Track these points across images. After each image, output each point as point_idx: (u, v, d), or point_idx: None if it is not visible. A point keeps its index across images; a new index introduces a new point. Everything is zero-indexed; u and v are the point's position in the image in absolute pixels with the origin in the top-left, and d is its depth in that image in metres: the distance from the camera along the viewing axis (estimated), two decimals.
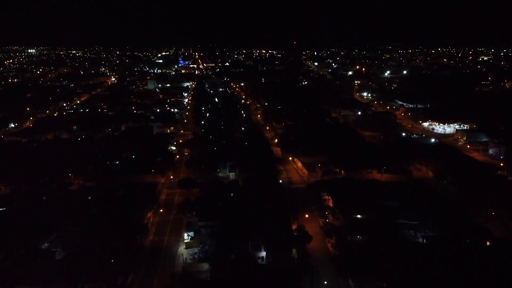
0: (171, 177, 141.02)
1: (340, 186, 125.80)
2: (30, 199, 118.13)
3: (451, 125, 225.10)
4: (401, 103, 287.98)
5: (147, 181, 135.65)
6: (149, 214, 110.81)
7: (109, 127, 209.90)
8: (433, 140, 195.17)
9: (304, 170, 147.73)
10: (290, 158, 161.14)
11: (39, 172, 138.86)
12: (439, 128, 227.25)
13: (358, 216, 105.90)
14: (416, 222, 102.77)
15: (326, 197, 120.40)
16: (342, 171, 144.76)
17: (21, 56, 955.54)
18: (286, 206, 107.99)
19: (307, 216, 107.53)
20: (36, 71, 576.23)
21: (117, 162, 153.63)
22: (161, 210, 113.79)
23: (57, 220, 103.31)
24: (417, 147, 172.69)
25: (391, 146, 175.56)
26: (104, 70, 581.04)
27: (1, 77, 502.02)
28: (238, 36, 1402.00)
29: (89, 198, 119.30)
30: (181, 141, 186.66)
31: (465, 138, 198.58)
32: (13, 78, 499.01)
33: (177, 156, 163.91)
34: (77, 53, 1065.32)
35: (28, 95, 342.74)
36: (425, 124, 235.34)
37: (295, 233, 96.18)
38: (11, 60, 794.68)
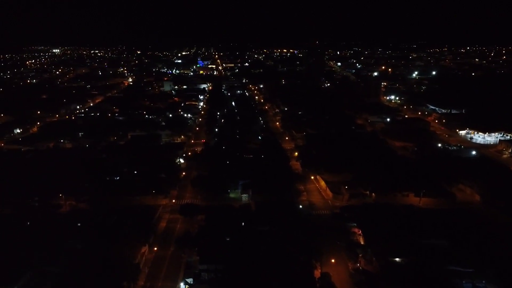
0: (173, 201, 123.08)
1: (371, 215, 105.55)
2: (9, 225, 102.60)
3: (492, 134, 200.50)
4: (433, 107, 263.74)
5: (147, 204, 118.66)
6: (144, 249, 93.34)
7: (115, 135, 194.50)
8: (473, 152, 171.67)
9: (328, 192, 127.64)
10: (312, 177, 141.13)
11: (29, 189, 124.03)
12: (479, 137, 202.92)
13: (397, 259, 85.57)
14: (470, 270, 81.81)
15: (356, 230, 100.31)
16: (373, 194, 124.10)
17: (44, 56, 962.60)
18: (307, 245, 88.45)
19: (333, 261, 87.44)
20: (55, 72, 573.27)
21: (117, 178, 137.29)
22: (155, 249, 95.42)
23: (35, 255, 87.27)
24: (457, 162, 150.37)
25: (427, 161, 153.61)
26: (122, 70, 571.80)
27: (20, 78, 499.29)
28: (259, 35, 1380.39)
29: (78, 224, 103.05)
30: (190, 153, 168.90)
31: (510, 150, 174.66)
32: (31, 79, 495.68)
33: (184, 173, 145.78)
34: (99, 53, 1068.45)
35: (44, 96, 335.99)
36: (462, 133, 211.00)
37: (318, 284, 76.85)
38: (33, 61, 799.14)
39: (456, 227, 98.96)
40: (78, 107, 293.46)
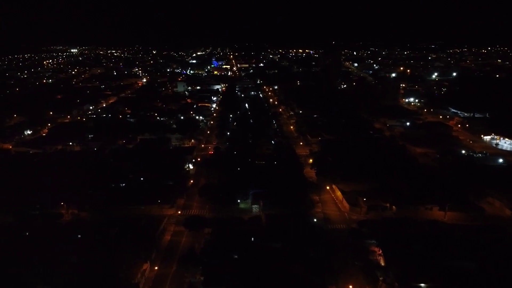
0: (179, 212, 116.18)
1: (392, 231, 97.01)
2: (7, 236, 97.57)
3: None
4: (454, 111, 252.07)
5: (152, 213, 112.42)
6: (145, 266, 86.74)
7: (124, 138, 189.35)
8: (500, 160, 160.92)
9: (345, 203, 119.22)
10: (327, 187, 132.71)
11: (32, 196, 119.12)
12: (505, 143, 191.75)
13: (421, 284, 77.04)
14: None
15: (375, 248, 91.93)
16: (393, 207, 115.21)
17: (62, 56, 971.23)
18: (322, 265, 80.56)
19: (351, 287, 79.14)
20: (71, 72, 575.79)
21: (123, 185, 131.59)
22: (156, 268, 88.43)
23: (27, 270, 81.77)
24: (484, 171, 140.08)
25: (452, 169, 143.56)
26: (137, 70, 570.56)
27: (37, 78, 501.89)
28: (275, 35, 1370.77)
29: (78, 236, 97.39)
30: (199, 158, 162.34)
31: None
32: (47, 78, 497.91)
33: (192, 181, 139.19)
34: (115, 52, 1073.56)
35: (58, 96, 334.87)
36: (487, 138, 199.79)
37: None
38: (50, 60, 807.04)
39: (486, 247, 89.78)
40: (90, 107, 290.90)
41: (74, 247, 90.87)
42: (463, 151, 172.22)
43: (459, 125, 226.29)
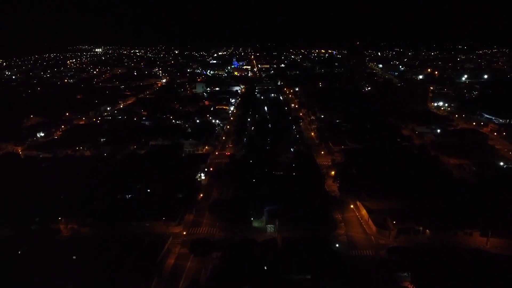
0: (184, 233, 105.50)
1: (427, 261, 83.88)
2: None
3: None
4: (488, 116, 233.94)
5: (157, 231, 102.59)
6: None
7: (136, 143, 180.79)
8: None
9: (371, 224, 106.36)
10: (352, 205, 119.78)
11: (34, 207, 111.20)
12: None
13: None
14: None
15: (408, 284, 79.17)
16: (427, 230, 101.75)
17: (86, 55, 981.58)
18: None
19: None
20: (93, 71, 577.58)
21: (129, 196, 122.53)
22: None
23: None
24: None
25: (492, 185, 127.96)
26: (157, 70, 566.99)
27: (59, 77, 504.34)
28: (297, 35, 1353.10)
29: (74, 257, 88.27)
30: (212, 168, 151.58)
31: None
32: (69, 78, 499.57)
33: (202, 195, 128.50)
34: (138, 52, 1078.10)
35: (78, 96, 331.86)
36: None
37: None
38: (74, 60, 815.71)
39: None
40: (108, 108, 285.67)
41: (68, 272, 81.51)
42: (501, 163, 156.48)
43: (494, 133, 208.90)
